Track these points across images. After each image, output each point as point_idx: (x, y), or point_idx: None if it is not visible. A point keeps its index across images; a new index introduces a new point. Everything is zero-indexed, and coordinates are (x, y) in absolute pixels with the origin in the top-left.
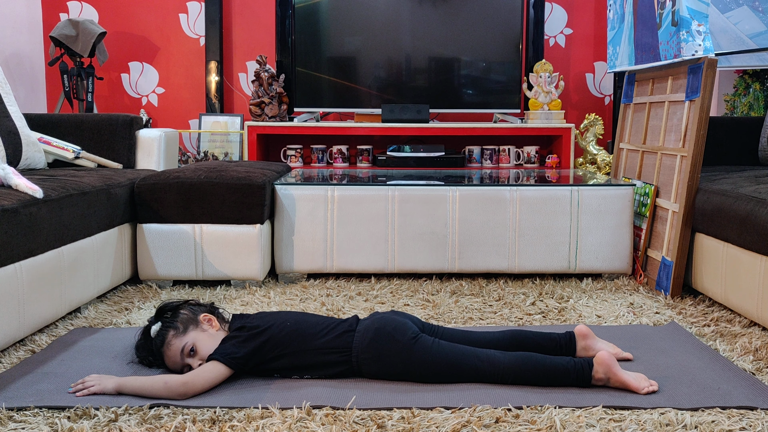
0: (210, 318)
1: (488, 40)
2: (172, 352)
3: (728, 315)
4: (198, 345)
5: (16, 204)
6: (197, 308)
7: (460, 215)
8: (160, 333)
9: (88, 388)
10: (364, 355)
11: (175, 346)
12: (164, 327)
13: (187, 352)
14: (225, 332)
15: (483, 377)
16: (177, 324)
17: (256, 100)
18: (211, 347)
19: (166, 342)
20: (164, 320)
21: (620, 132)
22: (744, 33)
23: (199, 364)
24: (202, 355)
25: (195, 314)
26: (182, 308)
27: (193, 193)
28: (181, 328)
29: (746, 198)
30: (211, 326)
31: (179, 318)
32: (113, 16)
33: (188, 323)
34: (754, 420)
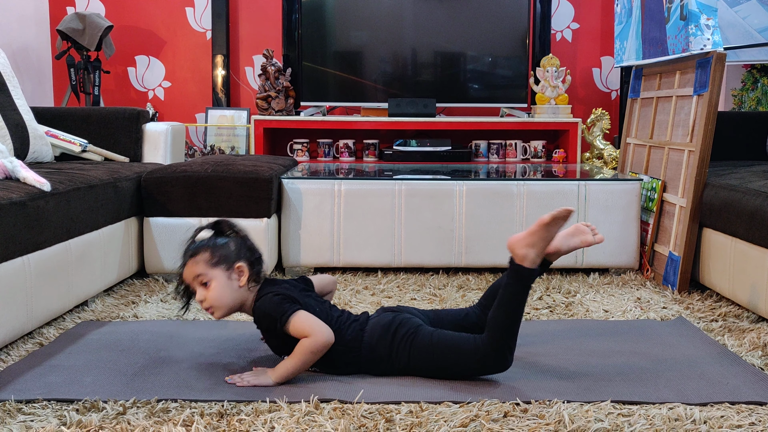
0: (243, 271)
1: (495, 35)
2: (191, 268)
3: (736, 310)
4: (213, 286)
5: (23, 197)
6: (242, 252)
7: (467, 210)
8: (200, 243)
9: (246, 380)
10: (372, 353)
11: (197, 268)
12: (207, 242)
13: (200, 282)
14: (249, 292)
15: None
16: (217, 250)
17: (262, 94)
18: (223, 297)
19: (195, 257)
20: (215, 236)
21: (627, 127)
22: (753, 27)
23: (201, 300)
24: (211, 296)
25: (236, 257)
26: (235, 241)
27: (199, 187)
28: (215, 258)
29: (754, 193)
30: (239, 279)
31: (224, 247)
32: (120, 10)
33: (224, 259)
34: (763, 415)
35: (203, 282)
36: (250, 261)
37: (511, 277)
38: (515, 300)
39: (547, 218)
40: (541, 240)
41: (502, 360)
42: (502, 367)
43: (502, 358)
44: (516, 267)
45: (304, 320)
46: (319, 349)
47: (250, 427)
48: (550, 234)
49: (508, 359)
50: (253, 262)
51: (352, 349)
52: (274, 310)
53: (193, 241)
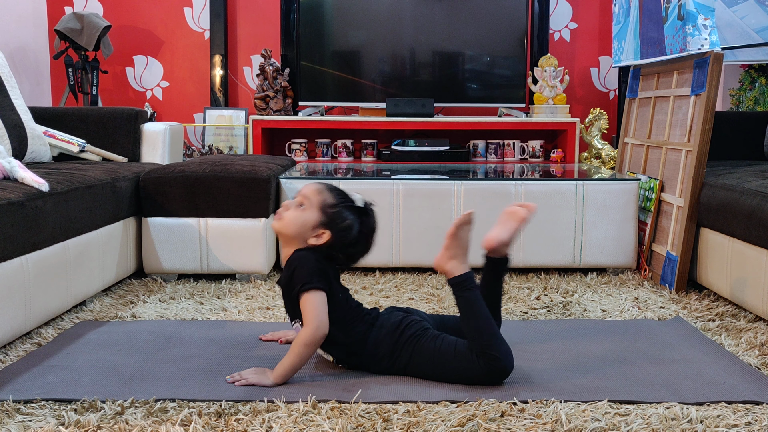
0: (322, 238)
1: (493, 35)
2: (314, 190)
3: (733, 310)
4: (299, 215)
5: (22, 197)
6: (346, 234)
7: (465, 209)
8: (341, 193)
9: (246, 379)
10: (376, 348)
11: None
12: (342, 199)
13: (299, 202)
14: (304, 246)
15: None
16: (338, 210)
17: (260, 94)
18: (292, 226)
19: (324, 191)
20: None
21: (625, 126)
22: (750, 27)
23: (283, 209)
24: (289, 216)
25: (335, 226)
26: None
27: (198, 187)
28: (328, 209)
29: (752, 193)
30: (313, 237)
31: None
32: (118, 10)
33: (329, 217)
34: (760, 414)
35: (301, 204)
36: (337, 243)
37: (456, 291)
38: (473, 307)
39: (452, 229)
40: (458, 248)
41: (495, 367)
42: (499, 373)
43: (494, 363)
44: (453, 281)
45: (314, 304)
46: (313, 342)
47: (248, 427)
48: (462, 241)
49: (500, 365)
50: (337, 246)
51: (359, 341)
52: (304, 274)
53: (341, 191)
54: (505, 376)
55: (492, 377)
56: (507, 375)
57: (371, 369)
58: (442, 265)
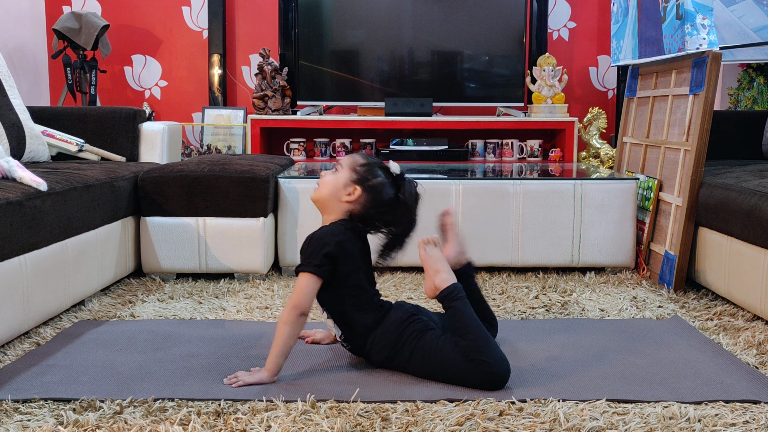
0: (353, 193)
1: (491, 34)
2: (351, 157)
3: (731, 309)
4: (334, 178)
5: (20, 197)
6: (377, 194)
7: (464, 209)
8: (373, 159)
9: (242, 380)
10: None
11: (348, 161)
12: (375, 163)
13: (336, 168)
14: (340, 210)
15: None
16: (370, 170)
17: (259, 93)
18: (327, 188)
19: (358, 158)
20: (387, 172)
21: (623, 126)
22: (748, 26)
23: (323, 174)
24: (326, 180)
25: (365, 183)
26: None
27: (196, 187)
28: (360, 168)
29: (750, 192)
30: (347, 193)
31: (375, 175)
32: (116, 9)
33: (360, 174)
34: (758, 413)
35: (337, 168)
36: (371, 202)
37: (445, 303)
38: (463, 316)
39: (421, 253)
40: (435, 263)
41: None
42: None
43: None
44: (441, 295)
45: (301, 286)
46: (289, 321)
47: (246, 426)
48: (435, 256)
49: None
50: (372, 206)
51: (367, 328)
52: (310, 254)
53: (377, 158)
54: (502, 383)
55: (488, 383)
56: (503, 381)
57: (371, 358)
58: (431, 285)
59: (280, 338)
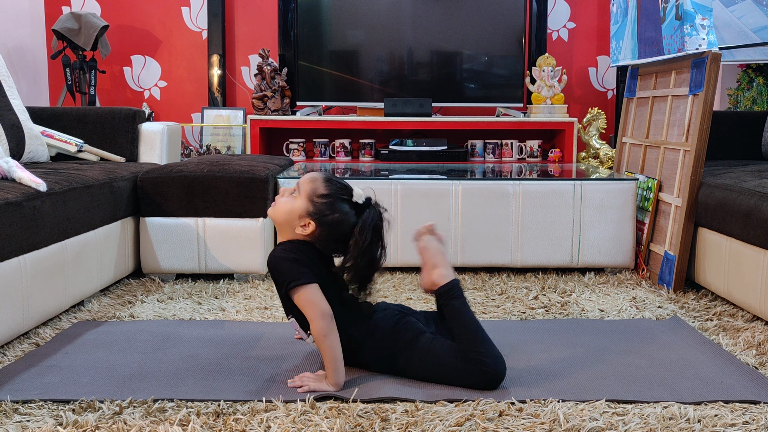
0: (308, 227)
1: (491, 34)
2: (308, 181)
3: (731, 309)
4: (288, 201)
5: (19, 197)
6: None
7: (463, 209)
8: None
9: (307, 385)
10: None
11: (306, 186)
12: (338, 192)
13: (290, 191)
14: (294, 235)
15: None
16: (327, 201)
17: (258, 93)
18: (281, 214)
19: (318, 181)
20: (349, 201)
21: (623, 126)
22: (748, 27)
23: (279, 197)
24: (281, 203)
25: (321, 218)
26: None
27: (196, 187)
28: (318, 200)
29: (750, 192)
30: (303, 228)
31: (334, 208)
32: (115, 10)
33: (317, 208)
34: (757, 414)
35: (293, 192)
36: (327, 235)
37: (443, 300)
38: (461, 315)
39: (421, 244)
40: (435, 257)
41: (486, 371)
42: (491, 378)
43: (484, 368)
44: (439, 291)
45: (309, 298)
46: (326, 332)
47: (246, 427)
48: (435, 249)
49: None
50: (327, 239)
51: (360, 341)
52: (286, 272)
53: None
54: (498, 382)
55: (485, 382)
56: (499, 380)
57: (367, 369)
58: (429, 279)
59: (329, 350)
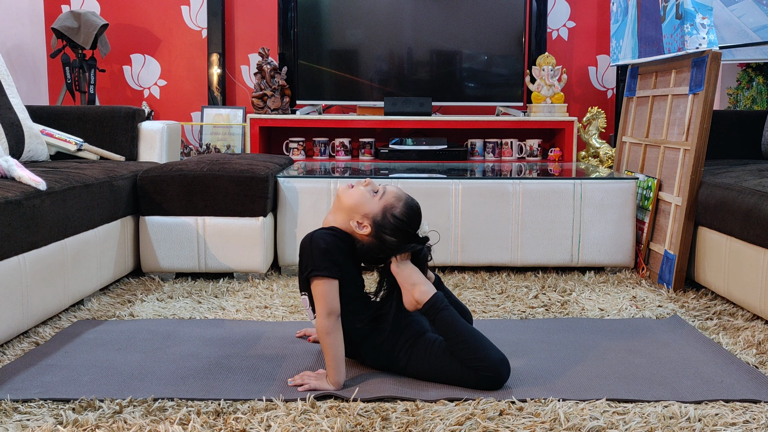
0: (364, 228)
1: (491, 33)
2: (390, 189)
3: (731, 308)
4: (363, 194)
5: (19, 196)
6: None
7: (463, 208)
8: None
9: (308, 384)
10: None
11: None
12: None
13: (373, 187)
14: (344, 232)
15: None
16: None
17: (258, 92)
18: (346, 204)
19: (395, 192)
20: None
21: (623, 125)
22: (748, 26)
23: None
24: (357, 192)
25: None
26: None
27: (195, 186)
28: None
29: (750, 191)
30: (359, 227)
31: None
32: (115, 8)
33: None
34: (758, 413)
35: (375, 191)
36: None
37: (430, 315)
38: (452, 326)
39: (393, 269)
40: (410, 276)
41: (489, 377)
42: (495, 381)
43: (487, 374)
44: (424, 308)
45: (324, 292)
46: (330, 329)
47: (246, 426)
48: (407, 269)
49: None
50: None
51: (365, 335)
52: (316, 258)
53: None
54: (501, 383)
55: (487, 384)
56: (502, 382)
57: (367, 363)
58: (412, 299)
59: (330, 348)
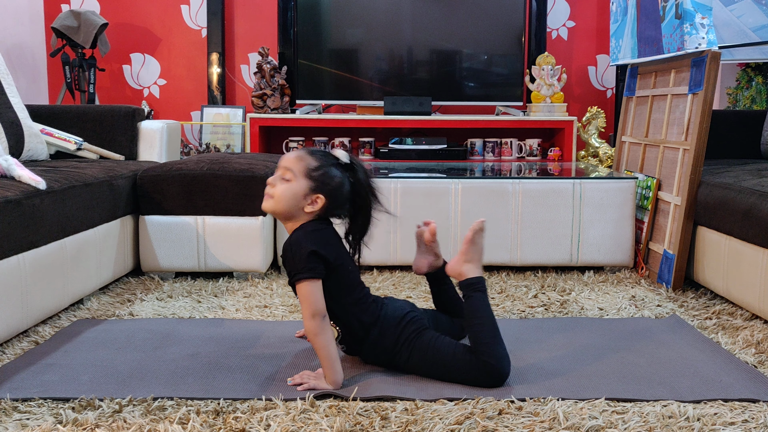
0: (316, 203)
1: (491, 33)
2: (292, 159)
3: (730, 308)
4: (286, 187)
5: (19, 195)
6: (339, 193)
7: (463, 208)
8: (321, 153)
9: (307, 383)
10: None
11: (294, 164)
12: (326, 160)
13: (284, 174)
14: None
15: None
16: (323, 171)
17: (258, 92)
18: (285, 201)
19: (305, 156)
20: (338, 163)
21: (622, 125)
22: (747, 26)
23: (272, 185)
24: (279, 192)
25: (326, 189)
26: (345, 182)
27: (195, 185)
28: (314, 173)
29: (749, 191)
30: (309, 204)
31: (331, 176)
32: (115, 7)
33: (318, 181)
34: (756, 412)
35: (286, 177)
36: (333, 203)
37: (466, 291)
38: (479, 308)
39: (469, 235)
40: (474, 253)
41: (490, 368)
42: (494, 376)
43: (488, 365)
44: (465, 282)
45: (307, 295)
46: (317, 330)
47: (246, 425)
48: (478, 246)
49: (494, 368)
50: (334, 207)
51: (367, 326)
52: (297, 262)
53: (323, 149)
54: (501, 380)
55: (487, 378)
56: (503, 378)
57: (368, 360)
58: (458, 268)
59: (322, 349)
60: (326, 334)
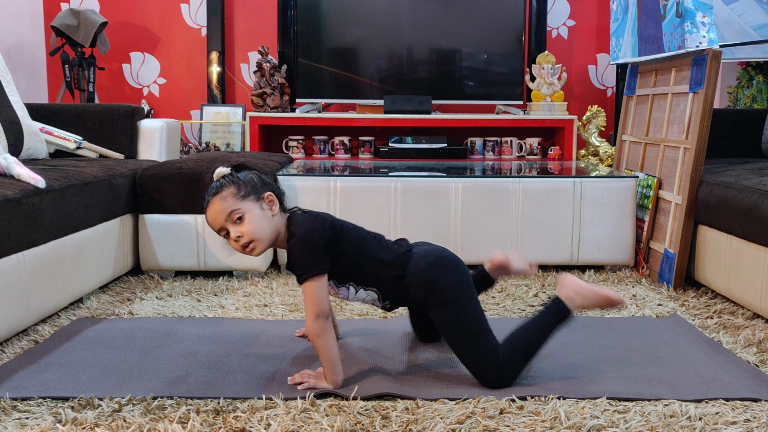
0: (273, 200)
1: (490, 32)
2: (220, 205)
3: (731, 307)
4: (248, 219)
5: (18, 194)
6: (266, 185)
7: (463, 207)
8: (223, 180)
9: (307, 382)
10: (416, 278)
11: (227, 204)
12: (230, 178)
13: (234, 219)
14: (281, 222)
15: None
16: (243, 183)
17: (257, 90)
18: (262, 228)
19: (221, 193)
20: (235, 172)
21: (623, 124)
22: (748, 24)
23: (238, 237)
24: (248, 230)
25: (262, 188)
26: (255, 175)
27: (195, 184)
28: (242, 191)
29: (750, 190)
30: (270, 209)
31: (248, 180)
32: (114, 6)
33: (252, 191)
34: (758, 411)
35: (237, 217)
36: (275, 191)
37: (551, 308)
38: (544, 330)
39: (610, 298)
40: (592, 302)
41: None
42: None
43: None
44: (559, 302)
45: (310, 295)
46: (319, 331)
47: (246, 425)
48: (599, 303)
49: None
50: (278, 192)
51: (400, 267)
52: (300, 262)
53: (213, 180)
54: (497, 385)
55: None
56: (498, 385)
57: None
58: (570, 288)
59: (324, 351)
60: (328, 335)
